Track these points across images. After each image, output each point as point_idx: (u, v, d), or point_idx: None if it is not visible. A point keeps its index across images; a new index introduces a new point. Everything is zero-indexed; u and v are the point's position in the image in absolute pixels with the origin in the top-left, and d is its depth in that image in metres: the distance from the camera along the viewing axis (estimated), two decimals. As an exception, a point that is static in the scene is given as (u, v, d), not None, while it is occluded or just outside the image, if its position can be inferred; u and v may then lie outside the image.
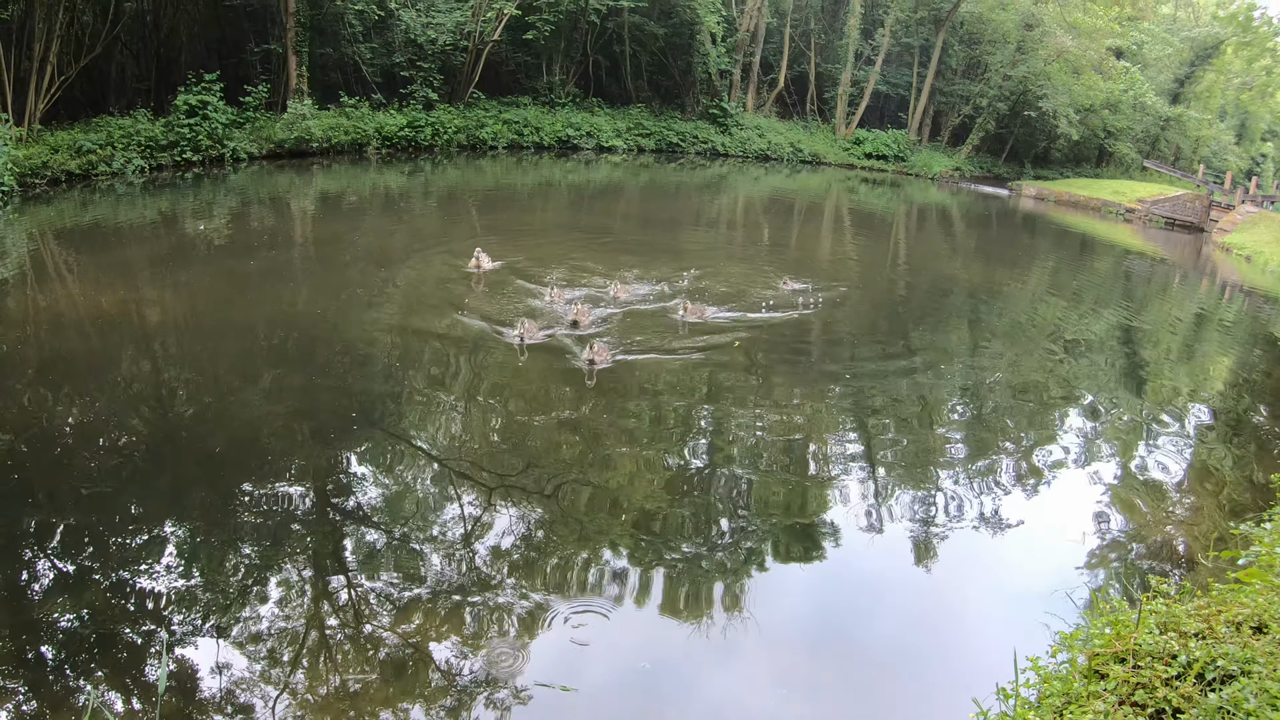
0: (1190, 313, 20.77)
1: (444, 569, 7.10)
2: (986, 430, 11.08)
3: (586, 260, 17.19)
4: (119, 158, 23.02)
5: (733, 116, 42.68)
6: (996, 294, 19.34)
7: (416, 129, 32.27)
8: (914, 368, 12.89)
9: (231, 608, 6.42)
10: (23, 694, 5.42)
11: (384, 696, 5.65)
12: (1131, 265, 27.58)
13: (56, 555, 6.90)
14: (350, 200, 23.77)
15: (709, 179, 36.17)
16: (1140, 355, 15.66)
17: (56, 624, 6.08)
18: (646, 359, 11.59)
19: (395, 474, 8.58)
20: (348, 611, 6.50)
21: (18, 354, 11.00)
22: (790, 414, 10.75)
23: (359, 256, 16.95)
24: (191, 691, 5.59)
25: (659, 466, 8.96)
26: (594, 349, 11.15)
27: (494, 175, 30.74)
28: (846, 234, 26.70)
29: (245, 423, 9.54)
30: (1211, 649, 4.68)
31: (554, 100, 38.62)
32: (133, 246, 16.61)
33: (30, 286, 13.71)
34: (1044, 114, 44.68)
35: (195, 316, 12.79)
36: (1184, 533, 8.89)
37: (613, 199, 28.83)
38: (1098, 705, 4.46)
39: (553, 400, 10.34)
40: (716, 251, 20.83)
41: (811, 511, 8.39)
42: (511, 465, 8.76)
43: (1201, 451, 11.25)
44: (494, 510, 7.96)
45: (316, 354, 11.64)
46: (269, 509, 7.82)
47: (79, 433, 9.03)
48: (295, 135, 28.19)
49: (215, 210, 20.68)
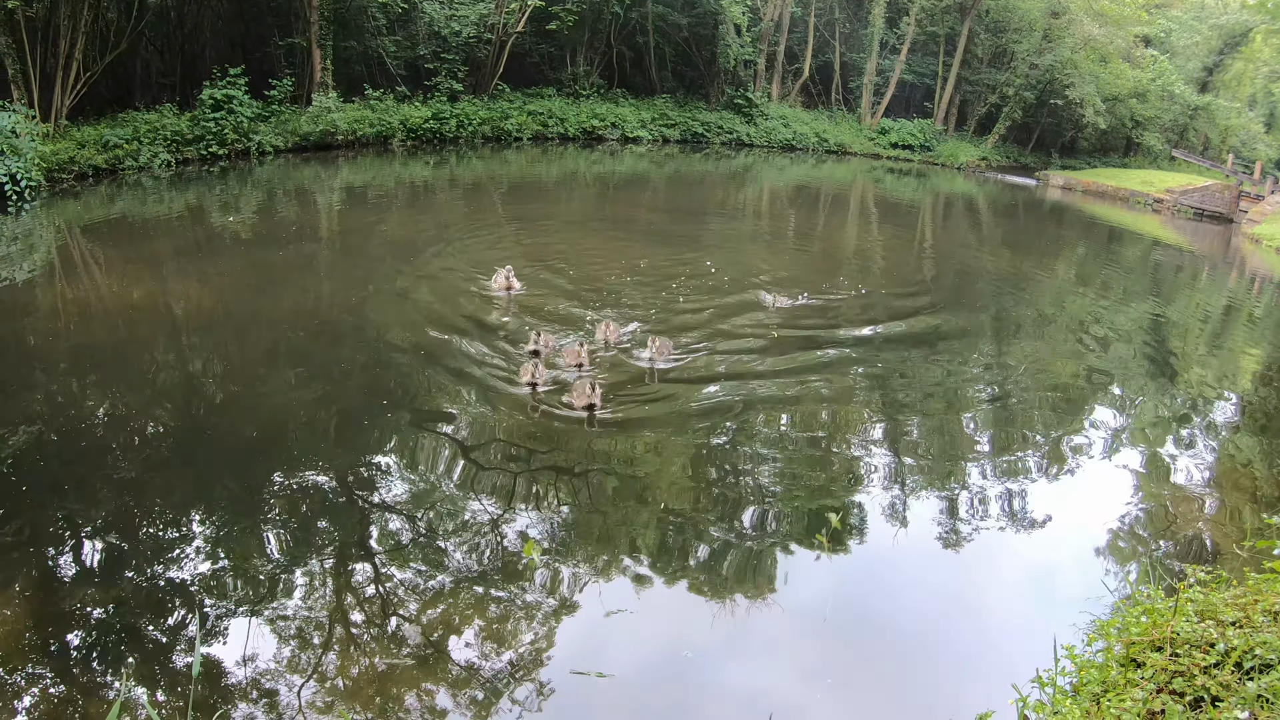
0: (1219, 305, 20.51)
1: (473, 556, 7.17)
2: (1018, 421, 11.03)
3: (617, 256, 17.21)
4: (145, 152, 23.23)
5: (758, 106, 42.48)
6: (1025, 284, 19.19)
7: (441, 121, 32.36)
8: (943, 358, 12.84)
9: (262, 595, 6.51)
10: (54, 683, 5.52)
11: (414, 682, 5.72)
12: (1160, 256, 27.24)
13: (86, 545, 7.02)
14: (376, 192, 23.90)
15: (735, 169, 36.06)
16: (1169, 347, 15.49)
17: (87, 613, 6.18)
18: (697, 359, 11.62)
19: (424, 462, 8.65)
20: (377, 598, 6.57)
21: (48, 346, 11.16)
22: (819, 404, 10.74)
23: (385, 248, 17.05)
24: (220, 678, 5.68)
25: (689, 457, 8.99)
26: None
27: (519, 166, 30.80)
28: (873, 225, 26.57)
29: (273, 411, 9.65)
30: (1249, 638, 4.65)
31: (578, 91, 38.61)
32: (160, 239, 16.78)
33: (59, 280, 13.89)
34: (1071, 103, 44.12)
35: (223, 308, 12.90)
36: (1217, 524, 8.82)
37: (638, 189, 28.80)
38: (1135, 693, 4.45)
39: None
40: (741, 241, 20.81)
41: (845, 501, 8.39)
42: (540, 449, 8.81)
43: (1232, 445, 11.14)
44: (524, 496, 8.02)
45: (344, 344, 11.73)
46: (298, 497, 7.91)
47: (108, 423, 9.16)
48: (320, 128, 28.32)
49: (241, 203, 20.84)
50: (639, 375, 10.85)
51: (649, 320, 12.86)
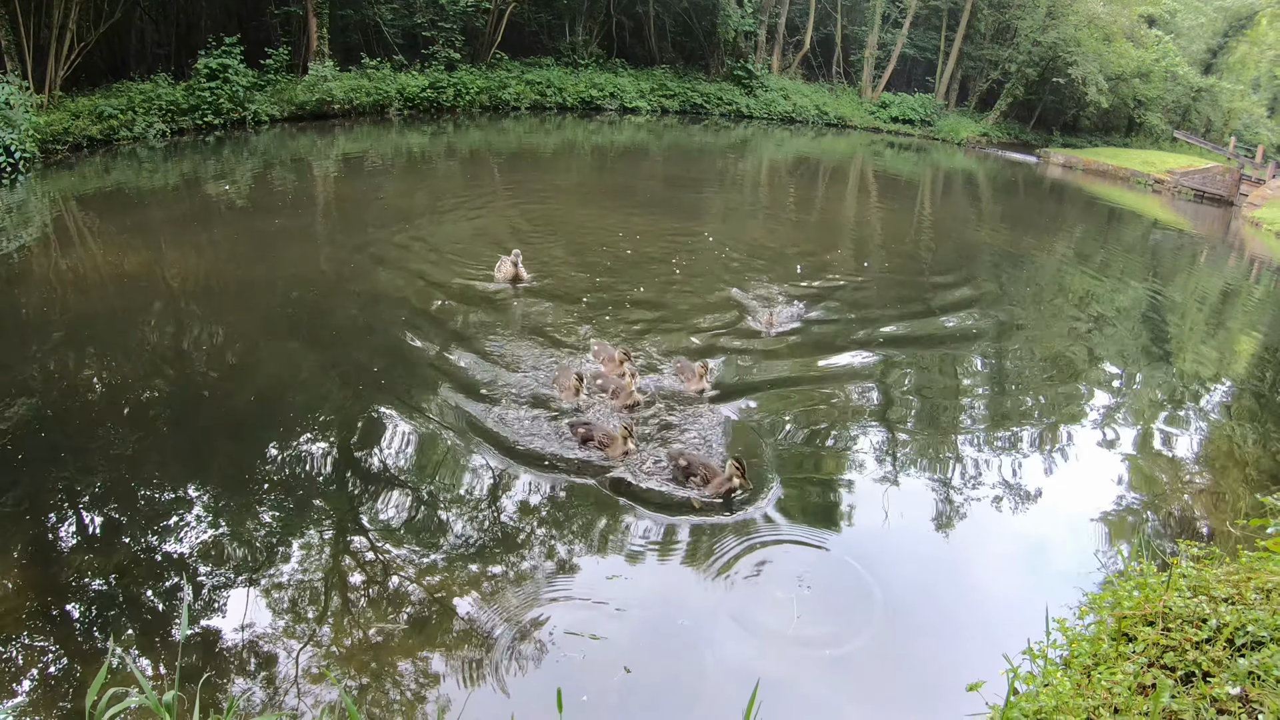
0: (1217, 287, 20.47)
1: (469, 522, 7.17)
2: (1013, 397, 11.03)
3: (614, 228, 17.12)
4: (140, 122, 23.04)
5: (758, 78, 42.20)
6: (1023, 261, 19.13)
7: (439, 90, 32.10)
8: (939, 334, 12.82)
9: (256, 562, 6.53)
10: (45, 647, 5.54)
11: (408, 647, 5.74)
12: (1159, 237, 27.17)
13: (83, 514, 7.02)
14: (373, 161, 23.72)
15: (733, 141, 35.86)
16: (1167, 328, 15.47)
17: (81, 580, 6.19)
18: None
19: (420, 429, 8.62)
20: (372, 562, 6.58)
21: (44, 317, 11.10)
22: (811, 383, 10.71)
23: (382, 216, 16.94)
24: (210, 644, 5.70)
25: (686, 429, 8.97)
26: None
27: (517, 136, 30.58)
28: (872, 199, 26.45)
29: (269, 378, 9.64)
30: (1242, 614, 4.65)
31: (577, 61, 38.29)
32: (155, 209, 16.67)
33: (54, 251, 13.80)
34: (1073, 81, 43.75)
35: (218, 277, 12.86)
36: (1211, 503, 8.84)
37: (636, 160, 28.63)
38: (1127, 666, 4.46)
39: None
40: (740, 219, 20.70)
41: (838, 475, 8.38)
42: (537, 417, 8.78)
43: (1227, 426, 11.15)
44: (519, 463, 8.00)
45: (339, 312, 11.69)
46: (293, 463, 7.90)
47: (104, 392, 9.15)
48: (316, 97, 28.10)
49: (237, 173, 20.70)
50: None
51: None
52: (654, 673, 5.74)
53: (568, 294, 12.72)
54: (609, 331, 11.31)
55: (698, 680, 5.67)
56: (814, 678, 5.80)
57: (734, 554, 6.93)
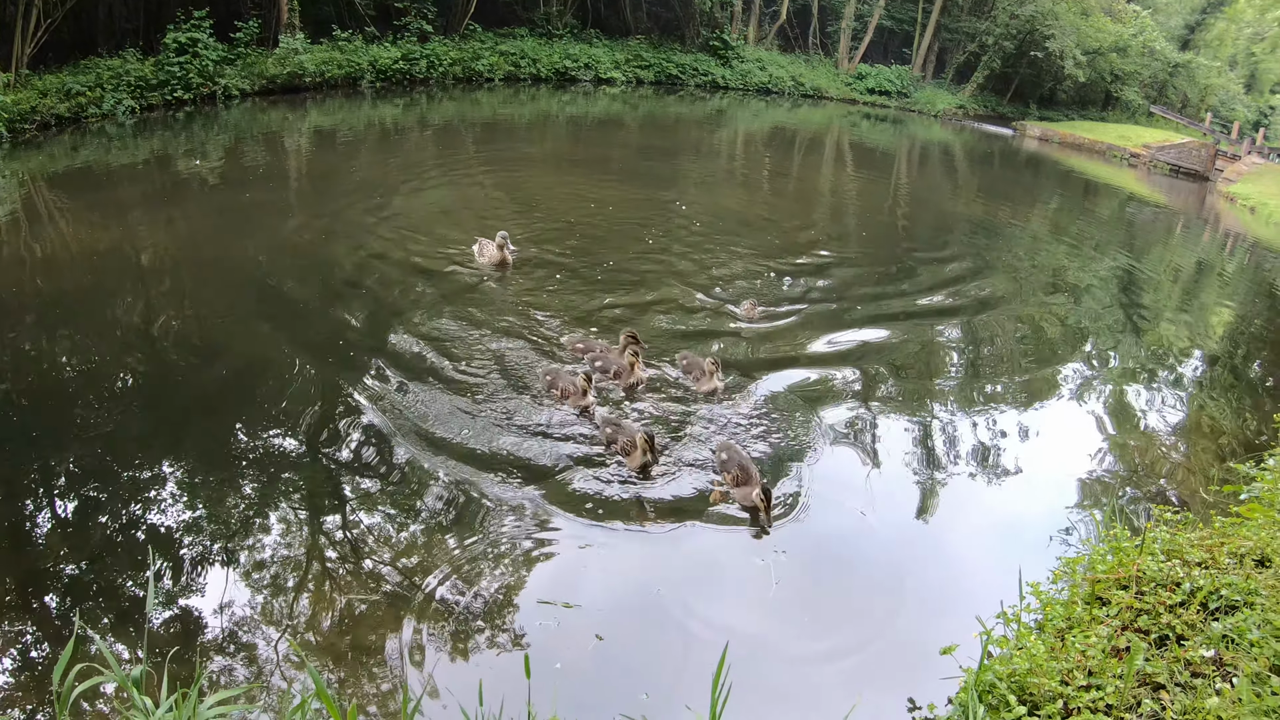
0: (1192, 261, 20.62)
1: (440, 497, 7.11)
2: (989, 367, 11.07)
3: (590, 198, 16.98)
4: (109, 99, 22.48)
5: (733, 49, 41.90)
6: (999, 233, 19.17)
7: (411, 62, 31.57)
8: (915, 309, 12.82)
9: (229, 537, 6.47)
10: (18, 629, 5.47)
11: (378, 619, 5.72)
12: (1134, 211, 27.32)
13: (56, 493, 6.91)
14: (345, 135, 23.38)
15: (709, 112, 35.65)
16: (1141, 301, 15.55)
17: (53, 561, 6.10)
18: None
19: (394, 401, 8.51)
20: (343, 538, 6.52)
21: (14, 297, 10.84)
22: (795, 351, 10.69)
23: (354, 189, 16.72)
24: (184, 621, 5.65)
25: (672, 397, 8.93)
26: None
27: (491, 107, 30.21)
28: (848, 170, 26.41)
29: (241, 356, 9.51)
30: (1215, 578, 4.68)
31: (551, 31, 37.82)
32: (126, 186, 16.34)
33: (24, 231, 13.49)
34: (1051, 54, 43.82)
35: (190, 253, 12.65)
36: (1184, 472, 8.94)
37: (611, 131, 28.40)
38: (1100, 630, 4.47)
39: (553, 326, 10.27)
40: (713, 188, 20.61)
41: (816, 442, 8.37)
42: (514, 389, 8.70)
43: (1200, 397, 11.25)
44: (495, 432, 7.94)
45: (311, 286, 11.53)
46: (267, 439, 7.82)
47: (77, 372, 9.00)
48: (288, 71, 27.58)
49: (208, 148, 20.31)
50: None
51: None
52: (627, 640, 5.74)
53: (550, 269, 12.58)
54: (588, 320, 11.12)
55: (672, 647, 5.67)
56: (788, 642, 5.81)
57: (712, 523, 6.92)
